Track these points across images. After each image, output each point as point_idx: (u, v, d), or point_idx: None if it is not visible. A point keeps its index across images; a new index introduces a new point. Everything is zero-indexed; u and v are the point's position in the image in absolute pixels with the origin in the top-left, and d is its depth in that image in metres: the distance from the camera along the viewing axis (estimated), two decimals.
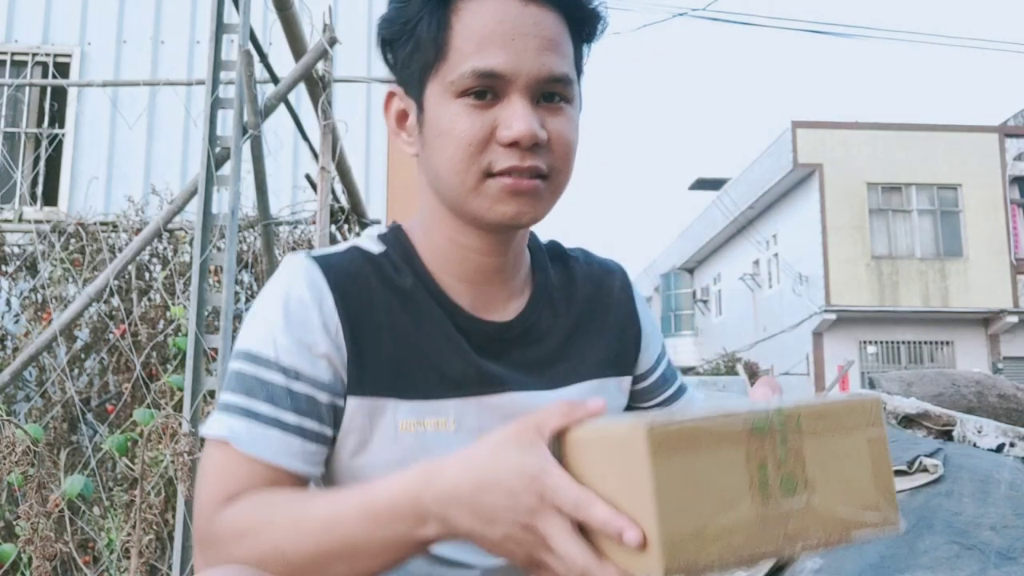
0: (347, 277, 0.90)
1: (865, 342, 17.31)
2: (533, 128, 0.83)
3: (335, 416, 0.88)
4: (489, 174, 0.85)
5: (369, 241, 0.96)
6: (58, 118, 6.06)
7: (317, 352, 0.86)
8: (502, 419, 0.89)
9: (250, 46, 2.88)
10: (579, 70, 0.91)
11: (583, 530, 0.66)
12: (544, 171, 0.86)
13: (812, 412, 0.70)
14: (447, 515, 0.70)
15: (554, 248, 1.06)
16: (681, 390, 1.11)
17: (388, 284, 0.92)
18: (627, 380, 1.04)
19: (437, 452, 0.87)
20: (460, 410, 0.90)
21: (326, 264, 0.90)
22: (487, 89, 0.84)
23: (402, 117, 0.93)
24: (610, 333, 1.02)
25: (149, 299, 4.07)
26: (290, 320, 0.87)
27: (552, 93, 0.86)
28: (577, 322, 1.00)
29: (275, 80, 3.55)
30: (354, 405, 0.88)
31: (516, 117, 0.83)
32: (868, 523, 0.72)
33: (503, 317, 0.95)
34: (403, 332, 0.90)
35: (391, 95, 0.93)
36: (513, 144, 0.83)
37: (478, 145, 0.84)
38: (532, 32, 0.84)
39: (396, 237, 0.97)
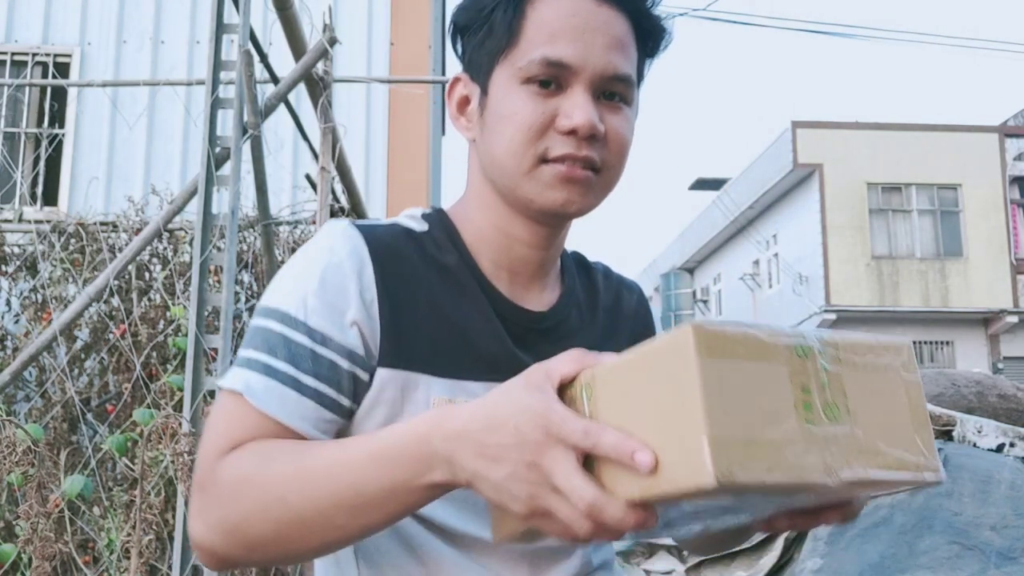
0: (388, 250, 0.90)
1: None
2: (592, 119, 0.85)
3: (356, 388, 0.87)
4: (544, 160, 0.87)
5: (411, 220, 0.96)
6: (58, 118, 6.06)
7: (348, 319, 0.86)
8: None
9: (250, 46, 2.88)
10: (639, 77, 0.94)
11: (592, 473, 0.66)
12: (597, 164, 0.88)
13: (849, 344, 0.69)
14: (454, 456, 0.70)
15: (578, 258, 1.08)
16: None
17: (430, 261, 0.92)
18: None
19: None
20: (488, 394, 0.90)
21: (369, 234, 0.90)
22: (552, 78, 0.86)
23: (463, 103, 0.95)
24: (629, 341, 1.02)
25: (149, 299, 4.06)
26: (325, 283, 0.86)
27: (613, 92, 0.89)
28: (601, 330, 1.01)
29: (275, 80, 3.55)
30: (385, 377, 0.87)
31: (577, 107, 0.85)
32: (910, 466, 0.69)
33: (537, 307, 0.96)
34: (442, 309, 0.90)
35: (456, 80, 0.96)
36: (571, 132, 0.86)
37: (538, 130, 0.86)
38: (602, 29, 0.87)
39: (440, 218, 0.97)
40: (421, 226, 0.95)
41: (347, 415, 0.88)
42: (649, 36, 0.93)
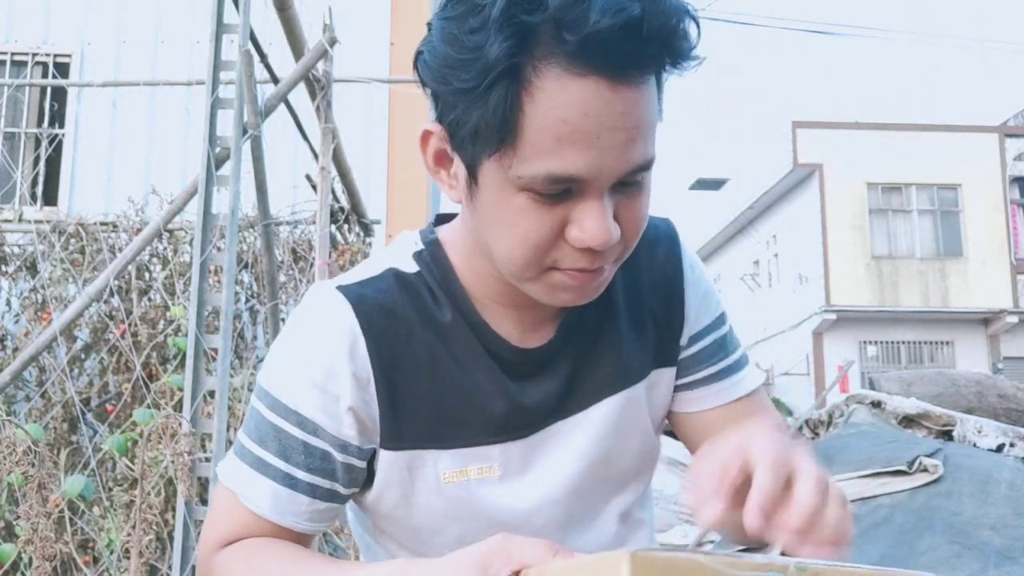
0: (383, 314, 0.82)
1: (865, 342, 17.32)
2: (609, 234, 0.72)
3: (351, 475, 0.84)
4: (553, 267, 0.75)
5: (405, 257, 0.86)
6: (58, 118, 6.06)
7: (343, 406, 0.81)
8: (544, 455, 0.87)
9: (250, 46, 2.88)
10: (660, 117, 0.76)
11: None
12: (612, 262, 0.78)
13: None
14: None
15: None
16: (736, 367, 0.97)
17: (427, 318, 0.83)
18: (670, 372, 0.94)
19: (483, 500, 0.85)
20: (505, 455, 0.85)
21: (358, 300, 0.82)
22: (559, 193, 0.71)
23: (442, 157, 0.79)
24: (653, 321, 0.91)
25: (149, 299, 4.07)
26: (316, 368, 0.81)
27: (631, 179, 0.73)
28: (617, 318, 0.90)
29: (275, 80, 3.55)
30: (390, 459, 0.83)
31: (591, 220, 0.71)
32: None
33: (548, 335, 0.87)
34: (443, 373, 0.83)
35: (427, 134, 0.79)
36: (583, 248, 0.73)
37: (545, 246, 0.73)
38: (620, 124, 0.68)
39: (433, 256, 0.86)
40: (414, 267, 0.85)
41: (343, 501, 0.86)
42: (675, 66, 0.73)
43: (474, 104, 0.69)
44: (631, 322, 0.91)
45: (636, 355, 0.90)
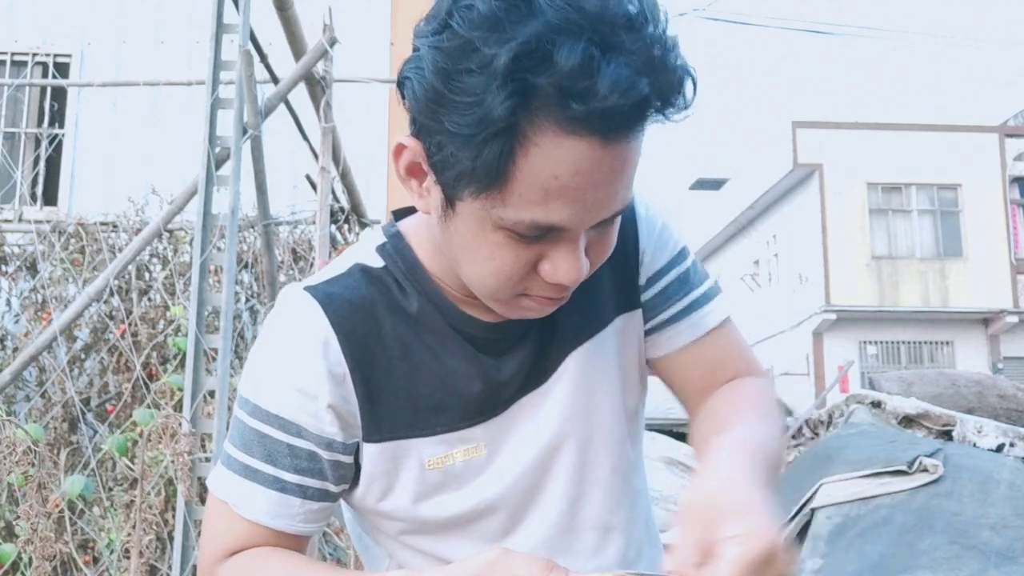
0: (352, 310, 0.83)
1: (865, 342, 17.32)
2: (580, 274, 0.74)
3: (340, 471, 0.85)
4: (523, 294, 0.77)
5: (368, 253, 0.87)
6: (58, 118, 6.06)
7: (323, 404, 0.81)
8: (524, 422, 0.87)
9: (250, 46, 2.88)
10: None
11: None
12: (576, 286, 0.78)
13: None
14: None
15: None
16: (702, 300, 0.95)
17: (396, 309, 0.84)
18: (635, 315, 0.94)
19: (469, 479, 0.86)
20: (490, 433, 0.86)
21: (326, 298, 0.83)
22: (538, 237, 0.72)
23: (415, 169, 0.76)
24: (608, 266, 0.88)
25: (149, 299, 4.07)
26: (290, 370, 0.82)
27: (607, 220, 0.75)
28: (587, 294, 0.89)
29: (275, 80, 3.55)
30: (373, 452, 0.84)
31: (565, 263, 0.73)
32: None
33: None
34: (417, 362, 0.84)
35: (401, 147, 0.75)
36: (555, 284, 0.75)
37: (517, 279, 0.75)
38: (608, 181, 0.70)
39: (396, 248, 0.87)
40: (378, 262, 0.86)
41: (335, 499, 0.87)
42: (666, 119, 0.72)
43: (465, 148, 0.68)
44: (600, 289, 0.91)
45: (597, 303, 0.91)
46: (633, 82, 0.65)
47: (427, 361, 0.84)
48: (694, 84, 0.71)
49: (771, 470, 0.77)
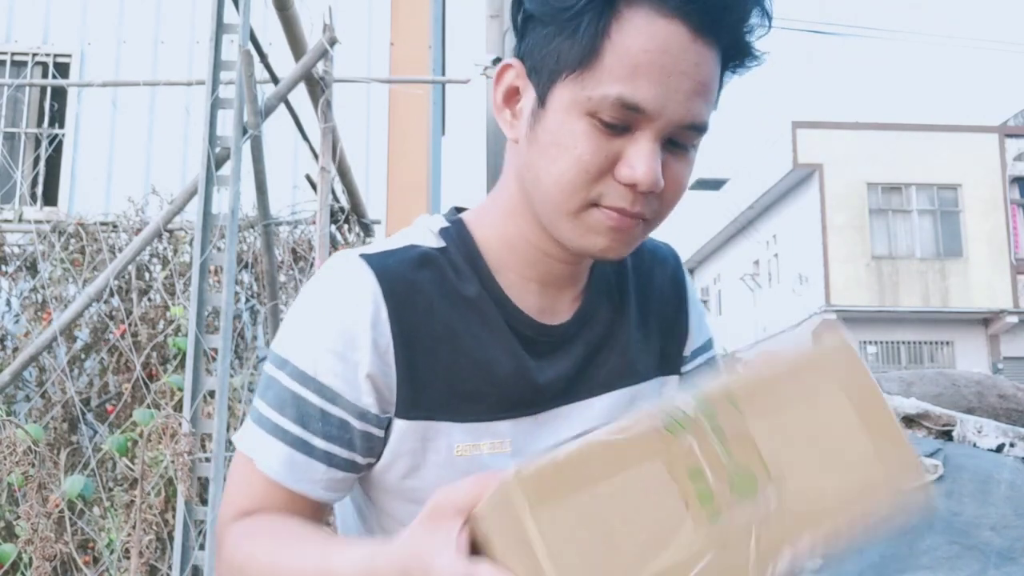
0: (404, 284, 0.83)
1: (865, 342, 17.32)
2: (656, 176, 0.76)
3: (369, 444, 0.84)
4: (594, 204, 0.79)
5: (428, 234, 0.88)
6: (58, 118, 6.06)
7: (362, 373, 0.81)
8: (553, 435, 0.87)
9: (250, 46, 2.88)
10: (717, 95, 0.82)
11: None
12: (647, 216, 0.80)
13: (750, 384, 0.55)
14: None
15: None
16: None
17: (450, 291, 0.85)
18: (674, 380, 0.98)
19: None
20: (516, 431, 0.86)
21: (381, 268, 0.83)
22: (622, 122, 0.75)
23: (512, 94, 0.83)
24: (658, 329, 0.97)
25: (149, 299, 4.07)
26: (336, 335, 0.81)
27: (683, 140, 0.79)
28: (628, 317, 0.94)
29: (275, 80, 3.55)
30: (404, 428, 0.83)
31: (642, 160, 0.75)
32: (879, 483, 0.54)
33: (564, 319, 0.90)
34: (461, 347, 0.84)
35: (507, 67, 0.83)
36: (630, 185, 0.77)
37: (595, 174, 0.77)
38: (690, 72, 0.75)
39: (459, 233, 0.88)
40: (438, 243, 0.87)
41: (361, 470, 0.86)
42: (737, 60, 0.81)
43: (566, 26, 0.75)
44: (639, 324, 0.94)
45: (642, 356, 0.94)
46: None
47: (471, 348, 0.85)
48: (768, 19, 0.79)
49: None
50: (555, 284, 0.88)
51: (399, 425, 0.83)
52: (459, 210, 0.94)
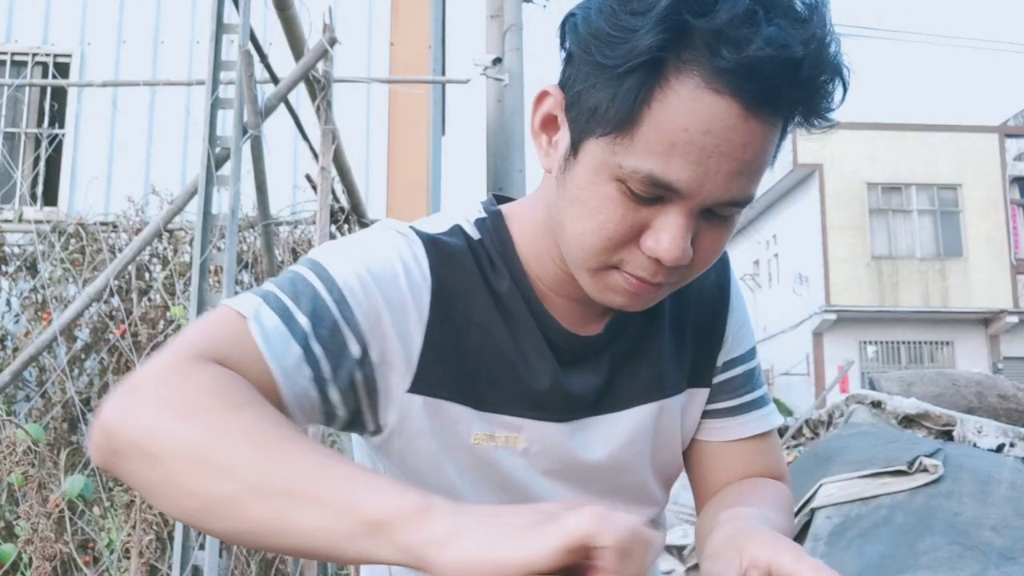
0: (451, 266, 0.81)
1: (865, 342, 17.32)
2: (682, 255, 0.71)
3: (351, 386, 0.76)
4: (616, 267, 0.75)
5: (467, 221, 0.86)
6: (58, 118, 6.06)
7: (385, 320, 0.77)
8: (571, 447, 0.85)
9: (250, 46, 2.88)
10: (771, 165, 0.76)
11: None
12: (670, 283, 0.76)
13: None
14: (457, 511, 0.56)
15: None
16: (761, 402, 0.97)
17: (485, 282, 0.83)
18: (703, 393, 0.94)
19: (503, 467, 0.83)
20: (534, 432, 0.84)
21: (431, 243, 0.81)
22: (653, 195, 0.70)
23: (550, 122, 0.78)
24: (694, 338, 0.93)
25: (149, 299, 4.07)
26: (379, 273, 0.77)
27: (722, 214, 0.74)
28: (661, 328, 0.90)
29: (275, 80, 3.55)
30: (418, 404, 0.80)
31: (670, 235, 0.70)
32: None
33: (596, 331, 0.87)
34: (493, 336, 0.82)
35: (545, 94, 0.77)
36: (653, 258, 0.72)
37: (618, 242, 0.73)
38: (735, 153, 0.68)
39: (495, 226, 0.85)
40: (475, 234, 0.85)
41: (327, 410, 0.76)
42: (804, 122, 0.73)
43: (607, 83, 0.69)
44: (673, 335, 0.91)
45: (673, 369, 0.91)
46: (788, 42, 0.64)
47: (503, 340, 0.82)
48: (844, 89, 0.70)
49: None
50: (584, 300, 0.84)
51: (413, 401, 0.79)
52: (499, 199, 0.90)
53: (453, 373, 0.81)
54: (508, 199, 0.91)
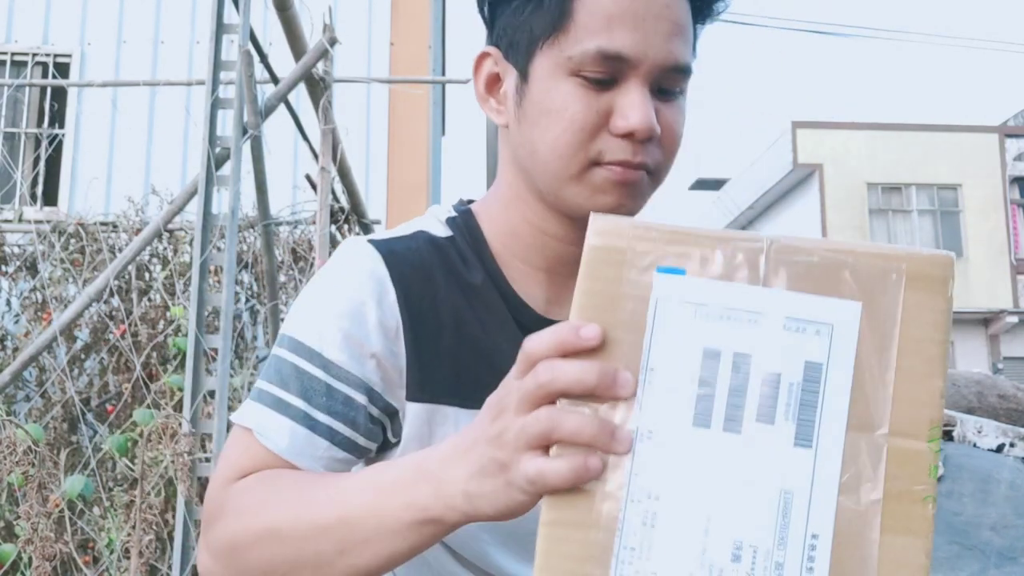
0: (412, 269, 0.83)
1: None
2: (651, 121, 0.76)
3: (371, 425, 0.82)
4: (596, 163, 0.78)
5: (436, 223, 0.89)
6: (58, 118, 6.06)
7: (367, 351, 0.80)
8: None
9: (250, 46, 2.88)
10: (694, 55, 0.83)
11: None
12: (651, 166, 0.80)
13: None
14: (442, 472, 0.62)
15: None
16: None
17: (455, 278, 0.85)
18: None
19: None
20: None
21: (389, 252, 0.83)
22: (607, 74, 0.76)
23: (493, 81, 0.84)
24: None
25: (149, 299, 4.07)
26: (343, 312, 0.81)
27: (670, 84, 0.79)
28: None
29: (275, 80, 3.55)
30: (415, 410, 0.83)
31: (634, 107, 0.76)
32: None
33: (565, 315, 0.89)
34: (468, 333, 0.84)
35: (484, 55, 0.84)
36: (627, 135, 0.77)
37: (590, 131, 0.77)
38: (663, 14, 0.76)
39: (466, 222, 0.89)
40: (445, 232, 0.88)
41: (362, 454, 0.84)
42: (706, 5, 0.83)
43: None
44: None
45: None
46: None
47: (476, 335, 0.84)
48: None
49: None
50: (563, 271, 0.86)
51: (411, 408, 0.83)
52: (467, 202, 0.94)
53: (436, 376, 0.83)
54: (473, 202, 0.94)
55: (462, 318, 0.84)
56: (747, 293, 0.55)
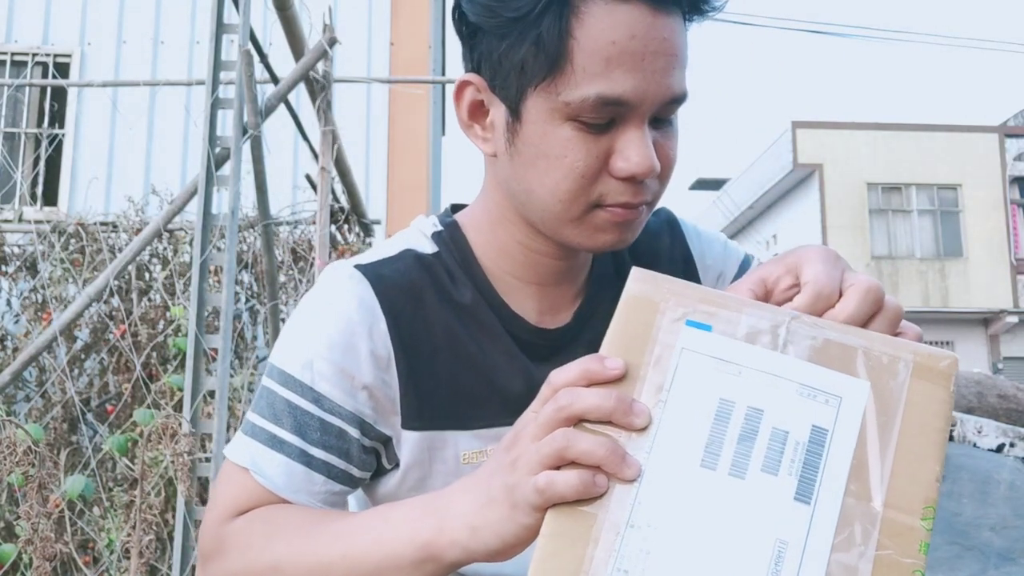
0: (402, 294, 0.81)
1: None
2: (652, 162, 0.74)
3: (364, 456, 0.82)
4: (597, 205, 0.76)
5: (421, 238, 0.87)
6: (58, 118, 6.06)
7: (358, 383, 0.79)
8: None
9: (250, 46, 2.88)
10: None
11: None
12: (650, 200, 0.79)
13: None
14: (450, 506, 0.65)
15: None
16: None
17: (445, 297, 0.83)
18: None
19: None
20: None
21: (377, 278, 0.81)
22: (606, 118, 0.73)
23: (476, 108, 0.80)
24: None
25: (149, 299, 4.07)
26: (333, 345, 0.79)
27: (667, 115, 0.77)
28: None
29: (275, 80, 3.55)
30: (412, 439, 0.82)
31: (635, 149, 0.73)
32: None
33: (565, 320, 0.87)
34: (463, 354, 0.82)
35: (465, 84, 0.79)
36: (628, 178, 0.75)
37: (591, 177, 0.74)
38: (661, 49, 0.72)
39: (452, 236, 0.86)
40: (431, 248, 0.86)
41: (356, 484, 0.84)
42: (699, 12, 0.78)
43: (525, 32, 0.72)
44: None
45: None
46: None
47: (472, 353, 0.83)
48: None
49: None
50: (554, 283, 0.86)
51: (407, 436, 0.82)
52: (455, 208, 0.92)
53: (433, 401, 0.82)
54: (463, 206, 0.92)
55: (456, 338, 0.83)
56: (767, 357, 0.58)
